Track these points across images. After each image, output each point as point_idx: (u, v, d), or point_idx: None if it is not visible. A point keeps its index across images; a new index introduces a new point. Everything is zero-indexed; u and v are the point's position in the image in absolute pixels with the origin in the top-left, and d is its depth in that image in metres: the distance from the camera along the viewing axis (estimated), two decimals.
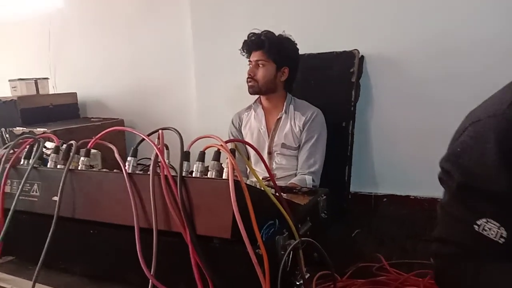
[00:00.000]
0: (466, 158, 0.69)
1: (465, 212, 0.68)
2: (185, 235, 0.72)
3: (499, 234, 0.64)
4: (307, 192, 1.16)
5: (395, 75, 2.13)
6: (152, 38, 2.86)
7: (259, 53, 1.84)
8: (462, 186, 0.69)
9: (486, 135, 0.66)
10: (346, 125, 2.08)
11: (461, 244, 0.68)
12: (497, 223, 0.64)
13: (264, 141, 1.90)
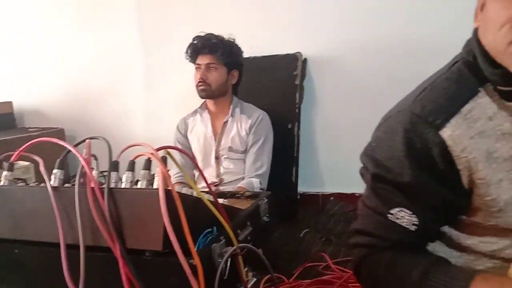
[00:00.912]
0: (379, 152, 0.71)
1: (380, 203, 0.70)
2: (114, 249, 0.68)
3: (411, 222, 0.67)
4: (250, 196, 1.16)
5: (337, 76, 2.18)
6: (94, 43, 2.75)
7: (210, 57, 1.82)
8: (376, 178, 0.71)
9: (395, 129, 0.69)
10: (292, 126, 2.11)
11: (378, 234, 0.70)
12: (409, 211, 0.67)
13: (211, 146, 1.88)
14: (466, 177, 0.66)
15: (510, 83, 0.65)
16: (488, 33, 0.66)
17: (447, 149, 0.65)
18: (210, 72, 1.82)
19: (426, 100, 0.69)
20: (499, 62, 0.65)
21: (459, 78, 0.70)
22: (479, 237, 0.71)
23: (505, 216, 0.67)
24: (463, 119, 0.65)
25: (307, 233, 1.86)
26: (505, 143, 0.65)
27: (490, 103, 0.67)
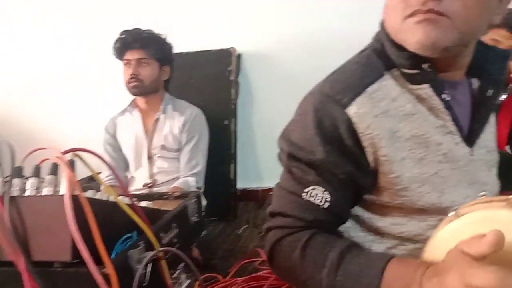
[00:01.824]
0: (293, 133, 0.72)
1: (294, 183, 0.70)
2: (18, 263, 0.62)
3: (324, 199, 0.68)
4: (179, 197, 1.12)
5: (273, 71, 2.19)
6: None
7: (142, 52, 1.74)
8: (290, 158, 0.72)
9: (306, 109, 0.71)
10: (229, 123, 2.09)
11: (293, 214, 0.70)
12: (322, 188, 0.69)
13: (143, 145, 1.81)
14: (371, 154, 0.68)
15: (414, 67, 0.68)
16: (388, 16, 0.70)
17: (353, 126, 0.67)
18: (142, 68, 1.75)
19: (335, 81, 0.72)
20: (399, 42, 0.69)
21: (367, 62, 0.73)
22: (390, 218, 0.73)
23: (410, 195, 0.70)
24: (369, 98, 0.68)
25: (246, 229, 1.85)
26: (407, 123, 0.69)
27: (394, 85, 0.70)
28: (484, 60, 0.74)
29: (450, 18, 0.64)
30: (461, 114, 0.73)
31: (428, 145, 0.70)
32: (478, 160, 0.74)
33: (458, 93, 0.73)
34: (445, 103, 0.70)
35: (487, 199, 0.48)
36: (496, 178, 0.81)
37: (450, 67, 0.72)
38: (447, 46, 0.65)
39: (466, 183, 0.73)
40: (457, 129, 0.71)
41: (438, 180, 0.70)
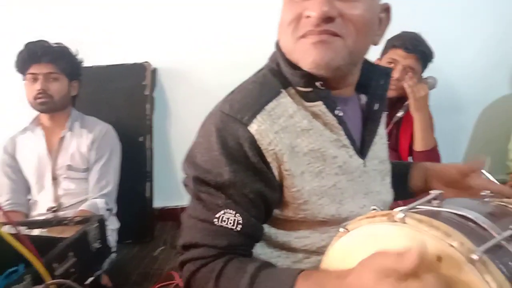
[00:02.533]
0: (198, 156, 0.71)
1: (204, 210, 0.69)
2: None
3: (236, 222, 0.68)
4: (80, 222, 1.04)
5: (190, 86, 2.16)
6: None
7: (50, 66, 1.62)
8: (197, 182, 0.70)
9: (209, 130, 0.70)
10: (144, 139, 2.01)
11: (205, 243, 0.68)
12: (233, 211, 0.68)
13: (46, 166, 1.66)
14: (276, 168, 0.69)
15: (308, 85, 0.71)
16: (281, 36, 0.73)
17: (256, 143, 0.68)
18: (51, 83, 1.62)
19: (234, 100, 0.72)
20: (294, 62, 0.71)
21: (264, 81, 0.76)
22: (294, 232, 0.74)
23: (311, 208, 0.71)
24: (268, 116, 0.69)
25: (162, 251, 1.78)
26: (304, 138, 0.71)
27: (291, 103, 0.72)
28: (370, 77, 0.79)
29: (342, 38, 0.67)
30: (353, 128, 0.77)
31: (325, 159, 0.73)
32: (371, 171, 0.79)
33: (349, 109, 0.78)
34: (338, 119, 0.73)
35: (371, 215, 0.50)
36: (389, 186, 0.86)
37: (341, 85, 0.75)
38: (340, 65, 0.69)
39: (362, 193, 0.76)
40: (350, 142, 0.75)
41: (336, 191, 0.73)
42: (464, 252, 0.42)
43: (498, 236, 0.47)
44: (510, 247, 0.48)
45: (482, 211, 0.56)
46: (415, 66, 1.68)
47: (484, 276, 0.41)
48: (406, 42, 1.67)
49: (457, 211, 0.52)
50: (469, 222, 0.50)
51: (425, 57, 1.71)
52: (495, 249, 0.46)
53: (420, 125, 1.69)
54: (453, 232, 0.44)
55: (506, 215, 0.61)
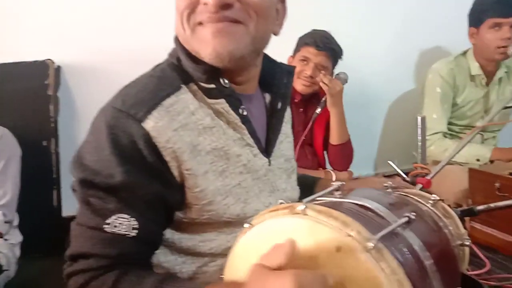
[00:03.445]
0: (86, 157, 0.65)
1: (93, 216, 0.62)
2: None
3: (131, 226, 0.62)
4: None
5: (99, 85, 2.01)
6: None
7: None
8: (85, 185, 0.64)
9: (99, 127, 0.64)
10: (48, 144, 1.85)
11: (96, 253, 0.62)
12: (127, 215, 0.62)
13: None
14: (176, 168, 0.66)
15: (211, 81, 0.68)
16: (178, 25, 0.69)
17: (152, 140, 0.63)
18: None
19: (127, 95, 0.67)
20: (194, 53, 0.68)
21: (162, 75, 0.71)
22: (198, 235, 0.71)
23: (215, 209, 0.69)
24: (166, 112, 0.65)
25: None
26: (207, 137, 0.68)
27: (192, 99, 0.69)
28: (273, 75, 0.79)
29: (243, 24, 0.65)
30: (258, 127, 0.76)
31: (229, 157, 0.70)
32: (277, 169, 0.79)
33: (254, 107, 0.77)
34: (242, 117, 0.71)
35: (273, 208, 0.48)
36: (295, 184, 0.86)
37: (244, 78, 0.74)
38: (244, 54, 0.66)
39: (267, 191, 0.75)
40: (254, 141, 0.74)
41: (240, 191, 0.71)
42: (361, 240, 0.42)
43: (393, 224, 0.48)
44: (405, 234, 0.49)
45: (382, 201, 0.58)
46: (326, 64, 1.74)
47: (379, 264, 0.41)
48: (317, 40, 1.72)
49: (358, 201, 0.52)
50: (368, 212, 0.51)
51: (335, 55, 1.78)
52: (391, 236, 0.47)
53: (336, 119, 1.75)
54: (351, 222, 0.43)
55: (404, 204, 0.64)
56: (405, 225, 0.49)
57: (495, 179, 1.31)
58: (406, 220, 0.49)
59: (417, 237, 0.50)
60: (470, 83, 1.88)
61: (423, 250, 0.49)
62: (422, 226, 0.56)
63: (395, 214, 0.51)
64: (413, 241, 0.49)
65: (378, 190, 0.66)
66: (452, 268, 0.62)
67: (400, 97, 2.32)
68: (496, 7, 1.71)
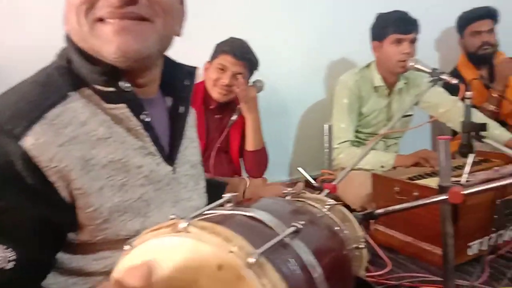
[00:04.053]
0: None
1: None
2: None
3: (6, 258, 0.55)
4: None
5: None
6: None
7: None
8: None
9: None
10: None
11: None
12: (2, 245, 0.55)
13: None
14: (64, 188, 0.59)
15: (109, 84, 0.62)
16: (71, 20, 0.62)
17: (32, 161, 0.56)
18: None
19: (3, 106, 0.59)
20: (92, 53, 0.62)
21: (47, 81, 0.63)
22: (92, 254, 0.65)
23: (112, 226, 0.64)
24: (50, 125, 0.58)
25: None
26: (101, 149, 0.62)
27: (83, 107, 0.62)
28: (173, 77, 0.76)
29: (151, 22, 0.62)
30: (161, 133, 0.72)
31: (128, 170, 0.65)
32: (182, 177, 0.76)
33: (155, 111, 0.73)
34: (144, 124, 0.67)
35: (156, 227, 0.45)
36: (203, 191, 0.84)
37: (146, 80, 0.69)
38: (151, 53, 0.62)
39: (170, 202, 0.72)
40: (157, 149, 0.70)
41: (141, 204, 0.66)
42: (242, 256, 0.40)
43: (281, 234, 0.47)
44: (294, 244, 0.49)
45: (276, 210, 0.57)
46: (243, 72, 1.75)
47: (261, 280, 0.40)
48: (235, 49, 1.73)
49: (247, 213, 0.51)
50: (258, 223, 0.50)
51: (252, 65, 1.79)
52: (278, 248, 0.46)
53: (252, 126, 1.76)
54: (234, 237, 0.42)
55: (299, 212, 0.64)
56: (293, 235, 0.49)
57: (395, 183, 1.40)
58: (294, 230, 0.49)
59: (306, 246, 0.50)
60: (374, 94, 2.00)
61: (312, 260, 0.49)
62: (313, 233, 0.57)
63: (287, 224, 0.51)
64: (301, 251, 0.49)
65: (275, 199, 0.66)
66: (344, 273, 0.64)
67: (313, 106, 2.40)
68: (398, 24, 1.85)
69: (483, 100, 2.23)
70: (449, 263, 1.02)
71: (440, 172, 0.99)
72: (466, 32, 2.33)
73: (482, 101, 2.23)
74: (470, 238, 1.30)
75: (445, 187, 0.96)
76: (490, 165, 1.62)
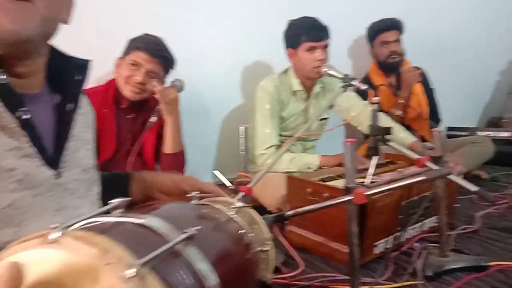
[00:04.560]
0: None
1: None
2: None
3: None
4: None
5: None
6: None
7: None
8: None
9: None
10: None
11: None
12: None
13: None
14: None
15: None
16: None
17: None
18: None
19: None
20: None
21: None
22: None
23: None
24: None
25: None
26: None
27: None
28: (62, 71, 0.69)
29: (30, 1, 0.55)
30: (45, 133, 0.65)
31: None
32: (70, 182, 0.68)
33: (39, 108, 0.65)
34: (22, 122, 0.60)
35: (25, 239, 0.40)
36: (96, 198, 0.77)
37: (27, 69, 0.62)
38: (31, 36, 0.55)
39: (52, 210, 0.64)
40: (37, 150, 0.62)
41: (13, 212, 0.59)
42: (121, 269, 0.36)
43: (171, 242, 0.44)
44: (187, 251, 0.46)
45: (172, 216, 0.54)
46: (158, 71, 1.68)
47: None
48: (149, 46, 1.65)
49: (136, 220, 0.47)
50: (146, 231, 0.46)
51: (168, 63, 1.73)
52: (167, 257, 0.43)
53: (171, 128, 1.70)
54: (113, 247, 0.38)
55: (201, 217, 0.61)
56: (186, 242, 0.46)
57: (307, 185, 1.44)
58: (187, 236, 0.46)
59: (201, 253, 0.47)
60: (293, 98, 2.05)
61: (206, 267, 0.47)
62: (211, 239, 0.54)
63: (180, 229, 0.48)
64: (195, 259, 0.46)
65: (177, 204, 0.62)
66: (247, 278, 0.62)
67: (236, 107, 2.40)
68: (310, 33, 1.91)
69: (391, 106, 2.39)
70: (354, 261, 1.05)
71: (346, 174, 1.02)
72: (375, 42, 2.48)
73: (390, 107, 2.39)
74: (377, 237, 1.37)
75: (350, 188, 1.00)
76: (396, 166, 1.73)
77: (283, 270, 1.29)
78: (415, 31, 2.55)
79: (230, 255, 0.58)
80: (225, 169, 1.78)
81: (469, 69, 3.14)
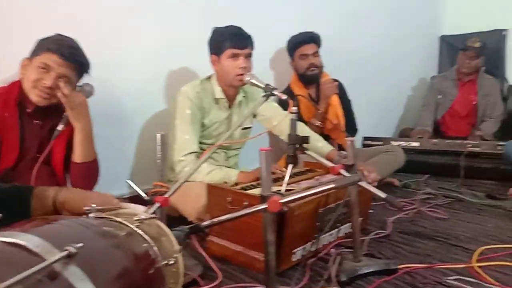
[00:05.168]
0: None
1: None
2: None
3: None
4: None
5: None
6: None
7: None
8: None
9: None
10: None
11: None
12: None
13: None
14: None
15: None
16: None
17: None
18: None
19: None
20: None
21: None
22: None
23: None
24: None
25: None
26: None
27: None
28: None
29: None
30: None
31: None
32: None
33: None
34: None
35: None
36: None
37: None
38: None
39: None
40: None
41: None
42: None
43: (45, 262, 0.39)
44: (66, 271, 0.41)
45: (56, 233, 0.48)
46: (70, 75, 1.55)
47: None
48: (62, 48, 1.52)
49: (8, 238, 0.41)
50: (19, 250, 0.40)
51: (82, 68, 1.61)
52: (42, 279, 0.38)
53: (81, 135, 1.57)
54: None
55: (95, 232, 0.56)
56: (66, 261, 0.41)
57: (227, 193, 1.42)
58: (66, 254, 0.41)
59: (83, 273, 0.42)
60: (215, 106, 2.02)
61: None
62: (99, 256, 0.49)
63: (63, 248, 0.43)
64: (76, 279, 0.41)
65: (65, 219, 0.56)
66: None
67: (156, 114, 2.31)
68: (233, 39, 1.90)
69: (311, 116, 2.47)
70: (270, 270, 1.05)
71: (261, 183, 1.02)
72: (295, 55, 2.55)
73: (310, 117, 2.46)
74: (296, 244, 1.39)
75: (266, 197, 0.99)
76: (314, 174, 1.77)
77: (200, 283, 1.25)
78: (333, 45, 2.68)
79: (126, 272, 0.53)
80: (143, 178, 1.70)
81: (385, 84, 3.37)
